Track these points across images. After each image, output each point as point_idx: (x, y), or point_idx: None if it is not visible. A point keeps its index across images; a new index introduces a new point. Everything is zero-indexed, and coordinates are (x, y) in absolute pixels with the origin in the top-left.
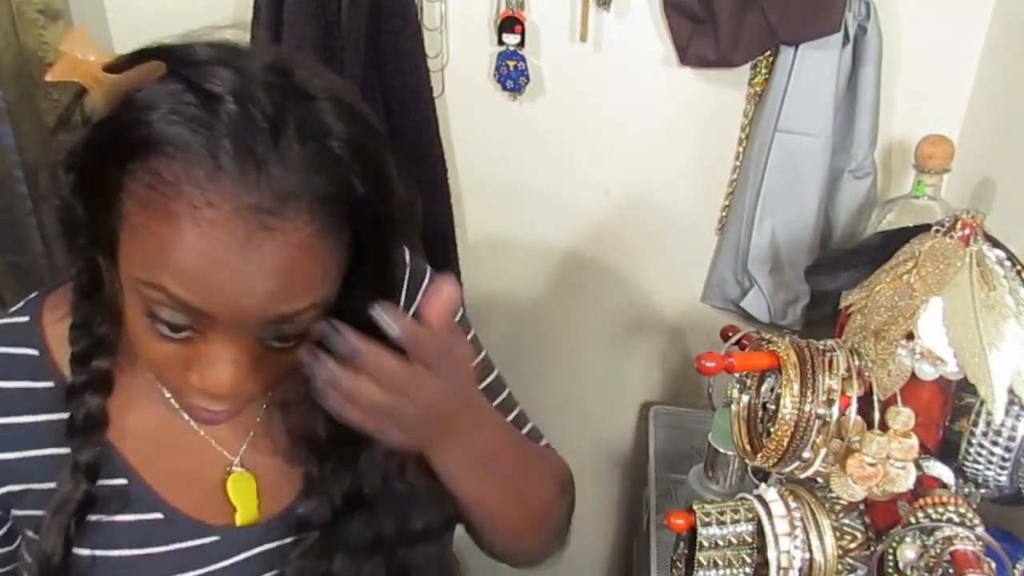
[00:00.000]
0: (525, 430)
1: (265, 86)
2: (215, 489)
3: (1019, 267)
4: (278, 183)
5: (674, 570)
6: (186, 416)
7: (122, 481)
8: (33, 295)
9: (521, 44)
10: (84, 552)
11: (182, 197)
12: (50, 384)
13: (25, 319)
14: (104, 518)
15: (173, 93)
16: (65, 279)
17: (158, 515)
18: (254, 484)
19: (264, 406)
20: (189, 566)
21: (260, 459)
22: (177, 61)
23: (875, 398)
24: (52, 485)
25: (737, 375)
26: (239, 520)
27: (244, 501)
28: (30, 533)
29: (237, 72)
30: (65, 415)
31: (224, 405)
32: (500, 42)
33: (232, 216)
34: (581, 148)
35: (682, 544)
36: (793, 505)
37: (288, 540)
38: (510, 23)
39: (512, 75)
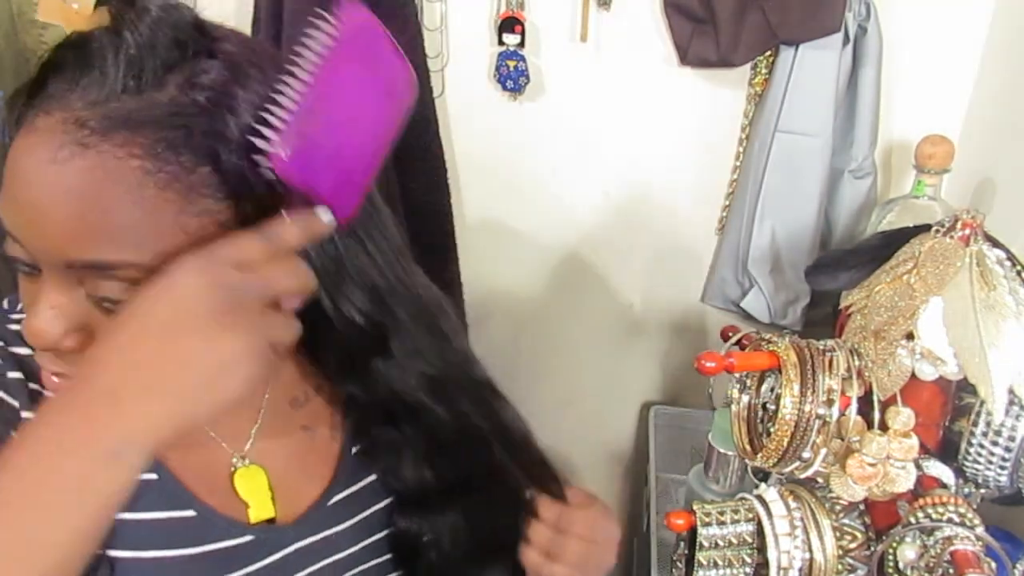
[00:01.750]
0: None
1: (169, 32)
2: (228, 485)
3: (1019, 267)
4: (119, 108)
5: (674, 570)
6: None
7: (152, 476)
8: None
9: (521, 44)
10: (118, 554)
11: (33, 108)
12: None
13: None
14: (133, 516)
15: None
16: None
17: (190, 512)
18: (265, 479)
19: (265, 399)
20: (222, 568)
21: (269, 455)
22: (117, 5)
23: (875, 398)
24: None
25: (737, 375)
26: (252, 517)
27: (255, 497)
28: None
29: (152, 15)
30: None
31: (55, 365)
32: (500, 42)
33: (56, 126)
34: (581, 148)
35: (682, 544)
36: (793, 505)
37: (318, 537)
38: (510, 23)
39: (512, 75)
